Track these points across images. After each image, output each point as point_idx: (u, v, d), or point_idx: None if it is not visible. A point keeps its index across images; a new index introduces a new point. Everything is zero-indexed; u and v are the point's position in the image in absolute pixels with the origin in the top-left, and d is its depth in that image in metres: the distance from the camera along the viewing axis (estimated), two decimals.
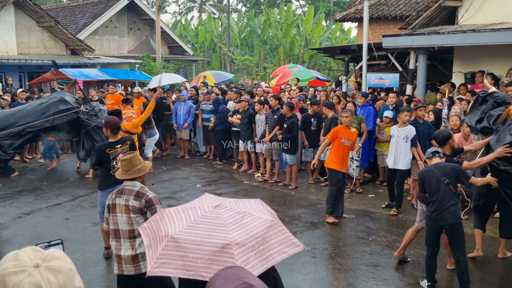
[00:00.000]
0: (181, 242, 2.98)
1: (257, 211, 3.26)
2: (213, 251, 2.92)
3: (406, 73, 12.72)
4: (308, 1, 52.12)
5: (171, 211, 3.29)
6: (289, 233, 3.28)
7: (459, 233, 5.48)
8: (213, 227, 3.04)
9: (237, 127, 11.97)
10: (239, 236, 2.99)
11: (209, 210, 3.16)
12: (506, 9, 10.96)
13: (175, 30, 37.04)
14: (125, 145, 6.45)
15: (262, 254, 3.00)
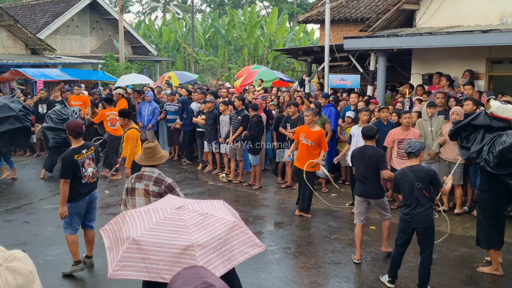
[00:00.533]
0: (143, 244, 2.97)
1: (219, 212, 3.28)
2: (175, 253, 2.92)
3: (366, 74, 13.00)
4: (272, 3, 52.37)
5: (132, 212, 3.28)
6: (251, 233, 3.33)
7: (430, 236, 5.65)
8: (175, 229, 3.04)
9: (201, 127, 11.99)
10: (201, 237, 3.00)
11: (171, 212, 3.16)
12: (461, 13, 11.35)
13: (139, 30, 36.70)
14: (90, 151, 6.19)
15: (224, 255, 3.03)
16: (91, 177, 6.16)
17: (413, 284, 5.82)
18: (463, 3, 11.38)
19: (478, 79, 11.29)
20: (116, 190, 10.22)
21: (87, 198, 6.19)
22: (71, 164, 5.95)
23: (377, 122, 9.14)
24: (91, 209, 6.35)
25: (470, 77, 10.83)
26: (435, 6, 11.70)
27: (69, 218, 6.09)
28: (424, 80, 11.86)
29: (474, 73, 11.11)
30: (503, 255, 6.79)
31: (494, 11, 11.01)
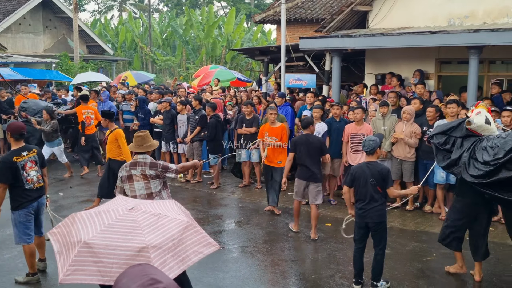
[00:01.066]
0: (95, 247, 2.91)
1: (172, 212, 3.26)
2: (129, 255, 2.88)
3: (322, 74, 13.22)
4: (229, 3, 52.36)
5: (82, 215, 3.18)
6: (204, 233, 3.32)
7: (382, 231, 5.82)
8: (128, 230, 3.00)
9: (159, 127, 11.90)
10: (156, 238, 2.97)
11: (123, 213, 3.11)
12: (411, 15, 11.70)
13: (94, 29, 36.02)
14: (31, 153, 5.95)
15: (179, 256, 3.02)
16: (36, 181, 5.93)
17: (367, 279, 5.99)
18: (413, 5, 11.73)
19: (428, 78, 11.68)
20: (71, 192, 10.04)
21: (35, 204, 5.98)
22: (9, 167, 5.69)
23: (330, 119, 9.38)
24: (39, 215, 6.14)
25: (420, 77, 11.19)
26: (386, 8, 12.01)
27: (21, 227, 5.86)
28: (377, 80, 12.16)
29: (424, 73, 11.49)
30: None
31: (442, 13, 11.40)
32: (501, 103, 9.33)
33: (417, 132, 8.61)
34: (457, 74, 11.75)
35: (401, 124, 8.80)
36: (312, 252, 7.06)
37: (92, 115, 11.74)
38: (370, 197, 5.73)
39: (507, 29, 9.17)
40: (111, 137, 8.51)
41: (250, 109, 10.40)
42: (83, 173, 11.46)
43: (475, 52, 9.56)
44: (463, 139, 5.76)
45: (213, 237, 7.65)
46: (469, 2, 11.09)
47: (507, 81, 11.28)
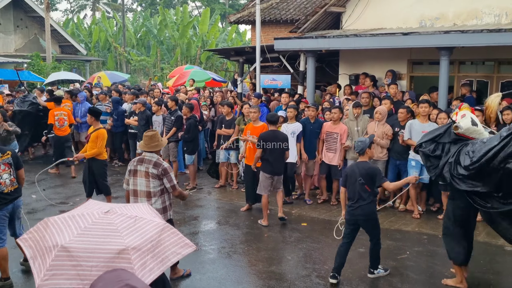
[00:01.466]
0: (73, 251, 2.88)
1: (147, 214, 3.27)
2: (108, 257, 2.86)
3: (297, 74, 13.33)
4: (203, 3, 52.21)
5: (56, 219, 3.14)
6: (181, 234, 3.35)
7: (372, 227, 6.10)
8: (106, 233, 2.98)
9: (134, 129, 11.82)
10: (135, 240, 2.97)
11: (99, 217, 3.09)
12: (383, 16, 11.88)
13: (67, 28, 35.50)
14: (5, 155, 5.91)
15: (158, 257, 3.03)
16: (9, 184, 5.86)
17: (343, 277, 6.08)
18: (385, 7, 11.92)
19: (400, 79, 11.88)
20: (46, 194, 9.90)
21: (10, 207, 5.91)
22: None
23: (305, 119, 9.48)
24: (14, 218, 6.07)
25: (392, 77, 11.38)
26: (359, 9, 12.17)
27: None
28: (351, 80, 12.32)
29: (396, 74, 11.68)
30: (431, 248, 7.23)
31: (413, 15, 11.61)
32: (473, 104, 9.55)
33: (388, 133, 8.74)
34: (429, 75, 11.98)
35: (373, 125, 8.93)
36: (288, 252, 7.12)
37: (65, 117, 11.62)
38: (359, 195, 5.98)
39: (476, 30, 9.41)
40: (93, 136, 8.44)
41: (227, 109, 10.42)
42: (52, 171, 11.37)
43: (446, 53, 9.77)
44: (451, 144, 5.72)
45: (190, 238, 7.64)
46: (439, 4, 11.32)
47: (476, 81, 11.54)
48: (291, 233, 7.89)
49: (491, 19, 10.78)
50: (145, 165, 5.66)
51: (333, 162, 9.18)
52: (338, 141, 9.09)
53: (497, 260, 6.87)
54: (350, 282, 6.09)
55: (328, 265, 6.56)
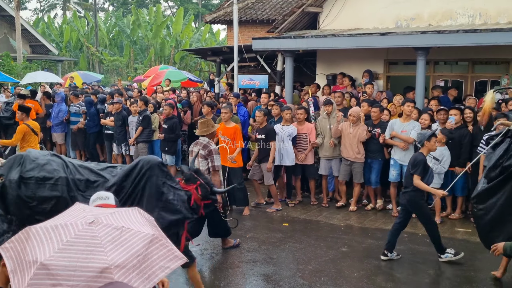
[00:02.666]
0: (53, 269, 2.70)
1: (136, 223, 3.08)
2: (90, 276, 2.70)
3: (274, 74, 13.32)
4: (176, 3, 51.87)
5: (38, 229, 2.93)
6: (170, 245, 3.11)
7: (419, 214, 6.61)
8: (89, 248, 2.79)
9: (110, 129, 11.61)
10: (119, 257, 2.80)
11: (83, 228, 2.90)
12: (360, 17, 11.96)
13: (37, 28, 34.80)
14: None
15: (145, 273, 2.86)
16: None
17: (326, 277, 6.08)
18: (361, 7, 11.99)
19: (377, 79, 11.98)
20: None
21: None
22: None
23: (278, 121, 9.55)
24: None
25: (369, 77, 11.47)
26: (336, 10, 12.22)
27: None
28: (329, 80, 12.36)
29: (373, 74, 11.78)
30: (412, 246, 7.30)
31: (389, 15, 11.72)
32: (448, 102, 9.69)
33: (361, 136, 8.69)
34: (405, 75, 12.12)
35: (347, 125, 8.88)
36: (271, 253, 7.09)
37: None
38: (406, 182, 6.64)
39: (452, 31, 9.55)
40: (18, 129, 8.82)
41: (207, 109, 10.36)
42: None
43: (422, 53, 9.89)
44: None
45: None
46: (415, 5, 11.45)
47: (451, 81, 11.73)
48: (273, 233, 7.87)
49: (465, 20, 10.96)
50: (198, 147, 6.95)
51: (305, 162, 9.18)
52: (307, 141, 9.13)
53: (477, 257, 6.97)
54: (334, 281, 6.10)
55: (311, 265, 6.57)
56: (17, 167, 4.67)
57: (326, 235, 7.79)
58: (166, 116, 10.67)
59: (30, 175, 4.60)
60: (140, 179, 4.70)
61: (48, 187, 4.59)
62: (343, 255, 6.93)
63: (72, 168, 4.80)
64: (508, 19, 10.49)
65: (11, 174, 4.60)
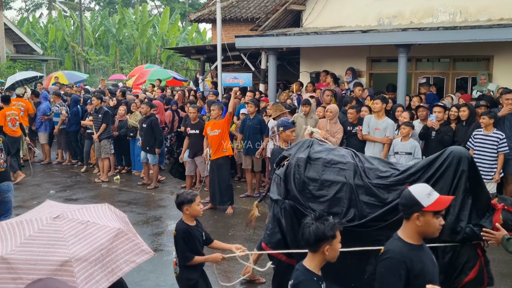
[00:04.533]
0: (14, 262, 2.71)
1: (103, 218, 3.07)
2: (50, 269, 2.70)
3: (258, 72, 13.34)
4: (163, 2, 51.69)
5: (3, 225, 2.95)
6: (138, 240, 3.11)
7: None
8: (51, 242, 2.80)
9: (90, 129, 11.51)
10: (81, 250, 2.80)
11: (47, 223, 2.90)
12: (343, 15, 12.02)
13: (22, 27, 34.44)
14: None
15: (108, 267, 2.86)
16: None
17: None
18: (344, 5, 12.06)
19: (360, 76, 12.05)
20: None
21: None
22: None
23: (246, 116, 9.79)
24: (4, 202, 6.46)
25: (352, 75, 11.53)
26: (319, 8, 12.28)
27: None
28: (312, 78, 12.42)
29: (356, 71, 11.84)
30: None
31: (372, 13, 11.80)
32: (435, 100, 9.75)
33: (339, 133, 8.69)
34: (387, 72, 12.19)
35: (324, 122, 8.82)
36: (252, 250, 7.07)
37: (17, 116, 11.14)
38: None
39: (432, 28, 9.63)
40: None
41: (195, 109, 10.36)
42: (18, 180, 10.67)
43: (404, 50, 9.96)
44: None
45: (153, 239, 7.56)
46: (397, 3, 11.54)
47: (432, 78, 11.83)
48: (256, 231, 7.86)
49: (446, 17, 11.06)
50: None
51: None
52: None
53: None
54: None
55: None
56: (306, 148, 4.63)
57: None
58: (144, 115, 10.59)
59: (318, 156, 4.51)
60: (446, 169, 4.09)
61: (334, 171, 4.37)
62: None
63: (362, 157, 4.56)
64: (488, 16, 10.61)
65: (299, 154, 4.55)
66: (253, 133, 9.46)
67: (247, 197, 9.66)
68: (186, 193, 4.28)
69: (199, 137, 9.34)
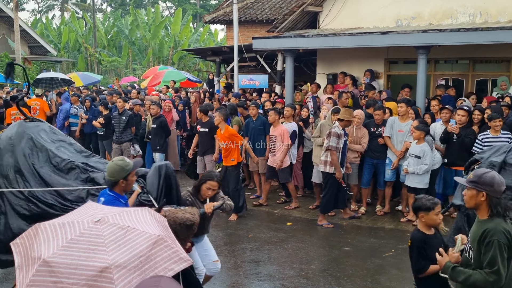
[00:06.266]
0: (55, 266, 2.71)
1: (143, 224, 3.06)
2: (90, 275, 2.70)
3: (274, 74, 13.30)
4: (175, 3, 51.86)
5: (46, 226, 2.96)
6: (177, 247, 3.08)
7: None
8: (91, 247, 2.80)
9: (99, 130, 11.52)
10: (121, 256, 2.79)
11: (88, 227, 2.91)
12: (360, 16, 11.94)
13: (35, 29, 34.66)
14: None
15: (146, 274, 2.83)
16: None
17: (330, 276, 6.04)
18: (362, 7, 11.97)
19: (378, 78, 11.96)
20: None
21: None
22: None
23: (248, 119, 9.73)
24: None
25: (370, 76, 11.45)
26: (336, 9, 12.20)
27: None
28: (329, 79, 12.35)
29: (374, 73, 11.76)
30: None
31: (390, 14, 11.70)
32: (450, 102, 9.65)
33: (364, 137, 8.59)
34: (405, 74, 12.10)
35: (351, 129, 8.66)
36: (273, 253, 7.06)
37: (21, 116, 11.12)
38: None
39: (453, 29, 9.53)
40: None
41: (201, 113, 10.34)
42: None
43: (424, 52, 9.86)
44: None
45: None
46: (415, 4, 11.44)
47: (451, 80, 11.71)
48: (275, 233, 7.84)
49: (466, 19, 10.94)
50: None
51: (280, 166, 8.89)
52: (276, 143, 8.91)
53: None
54: (338, 281, 6.07)
55: (314, 265, 6.55)
56: (502, 154, 4.60)
57: (328, 235, 7.78)
58: (154, 116, 10.60)
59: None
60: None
61: None
62: (347, 254, 6.90)
63: None
64: (509, 17, 10.48)
65: (493, 158, 4.55)
66: (258, 135, 9.34)
67: (256, 197, 9.69)
68: (426, 199, 3.95)
69: (208, 136, 9.34)
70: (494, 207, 3.33)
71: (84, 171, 4.86)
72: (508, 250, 3.27)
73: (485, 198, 3.36)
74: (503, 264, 3.24)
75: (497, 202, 3.34)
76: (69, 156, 4.97)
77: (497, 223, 3.31)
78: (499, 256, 3.23)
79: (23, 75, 14.65)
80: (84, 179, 4.81)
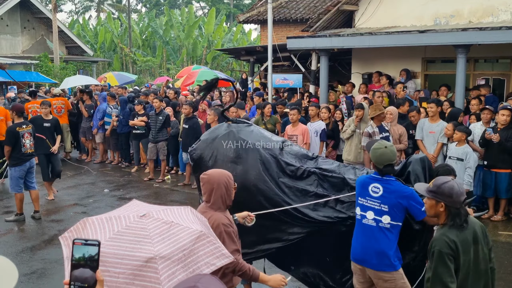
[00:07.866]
0: (103, 255, 2.71)
1: (186, 220, 3.13)
2: (136, 265, 2.77)
3: (308, 73, 13.22)
4: (208, 3, 52.25)
5: (94, 220, 3.09)
6: (218, 243, 3.17)
7: None
8: (137, 239, 2.88)
9: (140, 129, 11.64)
10: (165, 248, 2.86)
11: (134, 220, 2.99)
12: (397, 14, 11.76)
13: (73, 29, 35.49)
14: (28, 127, 8.21)
15: (189, 267, 2.90)
16: (29, 147, 8.15)
17: None
18: (399, 5, 11.79)
19: (414, 77, 11.76)
20: (59, 196, 9.81)
21: (27, 163, 8.14)
22: (14, 135, 7.96)
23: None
24: (30, 173, 8.25)
25: (406, 76, 11.26)
26: (372, 8, 12.06)
27: (16, 180, 8.03)
28: (364, 79, 12.21)
29: (410, 72, 11.56)
30: None
31: (428, 13, 11.48)
32: (494, 102, 9.39)
33: (404, 135, 8.33)
34: (443, 73, 11.85)
35: (390, 127, 8.54)
36: None
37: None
38: None
39: (494, 28, 9.27)
40: None
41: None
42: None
43: (463, 51, 9.64)
44: None
45: None
46: (454, 2, 11.19)
47: (492, 79, 11.41)
48: None
49: (508, 16, 10.64)
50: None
51: None
52: (299, 143, 8.46)
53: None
54: None
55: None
56: None
57: None
58: (186, 116, 10.62)
59: None
60: None
61: None
62: None
63: None
64: None
65: None
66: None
67: None
68: None
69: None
70: (453, 218, 3.24)
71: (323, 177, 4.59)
72: (454, 259, 3.18)
73: (443, 209, 3.26)
74: (449, 274, 3.16)
75: (456, 213, 3.24)
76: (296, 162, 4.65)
77: (443, 232, 3.24)
78: (441, 267, 3.16)
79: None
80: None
